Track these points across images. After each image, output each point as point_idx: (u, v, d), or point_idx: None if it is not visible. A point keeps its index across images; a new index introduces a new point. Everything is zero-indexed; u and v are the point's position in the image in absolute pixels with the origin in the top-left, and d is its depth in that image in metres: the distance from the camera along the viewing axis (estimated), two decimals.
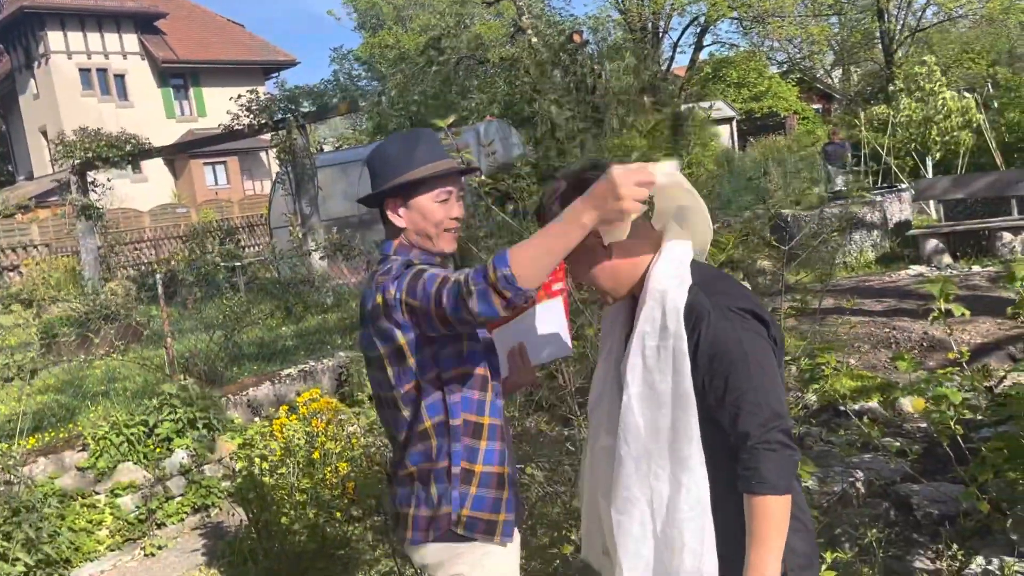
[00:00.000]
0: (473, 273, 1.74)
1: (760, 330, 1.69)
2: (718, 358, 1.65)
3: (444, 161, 2.08)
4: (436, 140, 2.13)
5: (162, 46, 32.02)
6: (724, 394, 1.64)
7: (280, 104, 11.20)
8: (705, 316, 1.66)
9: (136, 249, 19.41)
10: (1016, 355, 5.98)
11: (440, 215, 2.05)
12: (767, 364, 1.66)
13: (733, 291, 1.75)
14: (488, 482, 2.00)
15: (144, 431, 5.69)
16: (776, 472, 1.61)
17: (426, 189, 2.04)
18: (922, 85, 12.79)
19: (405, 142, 2.09)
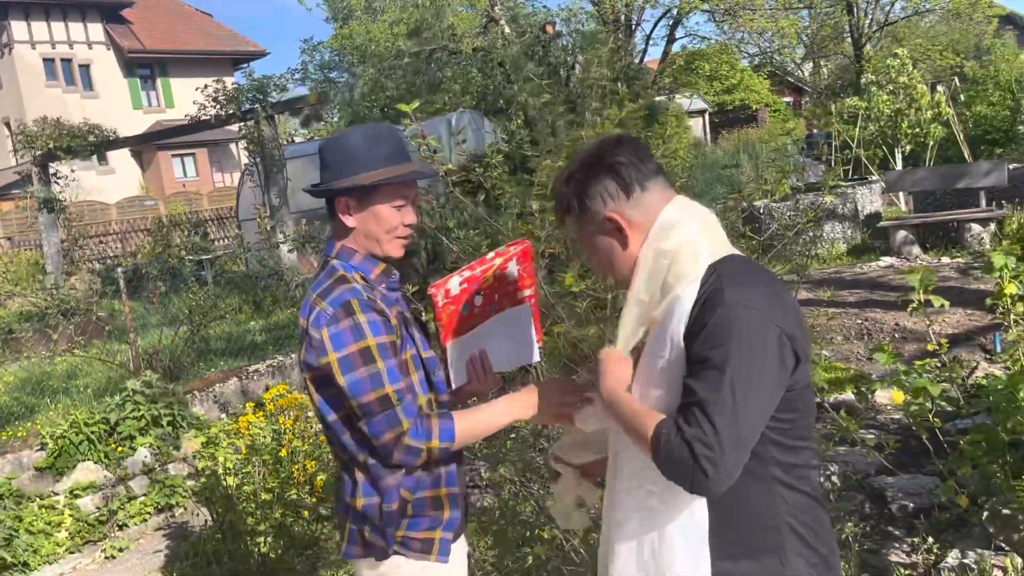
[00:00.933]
0: (416, 430, 1.79)
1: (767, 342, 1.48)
2: (700, 364, 1.47)
3: (407, 164, 1.95)
4: (401, 139, 2.01)
5: (128, 36, 31.45)
6: (687, 392, 1.47)
7: (248, 94, 10.99)
8: (714, 309, 1.48)
9: (102, 243, 19.02)
10: (987, 346, 6.00)
11: (394, 222, 1.94)
12: (755, 381, 1.45)
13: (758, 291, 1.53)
14: (422, 507, 1.92)
15: (105, 429, 5.53)
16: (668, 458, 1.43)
17: (385, 193, 1.92)
18: (894, 78, 12.86)
19: (367, 138, 1.95)
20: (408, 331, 1.96)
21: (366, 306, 1.84)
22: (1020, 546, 2.89)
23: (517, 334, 2.09)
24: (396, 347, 1.86)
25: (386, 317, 1.86)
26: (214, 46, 33.28)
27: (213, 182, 31.11)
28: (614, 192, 1.63)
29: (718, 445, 1.40)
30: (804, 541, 1.55)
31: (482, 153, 7.54)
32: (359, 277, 1.93)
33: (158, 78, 32.68)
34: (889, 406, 4.94)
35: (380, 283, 1.97)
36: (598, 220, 1.65)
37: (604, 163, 1.64)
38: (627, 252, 1.65)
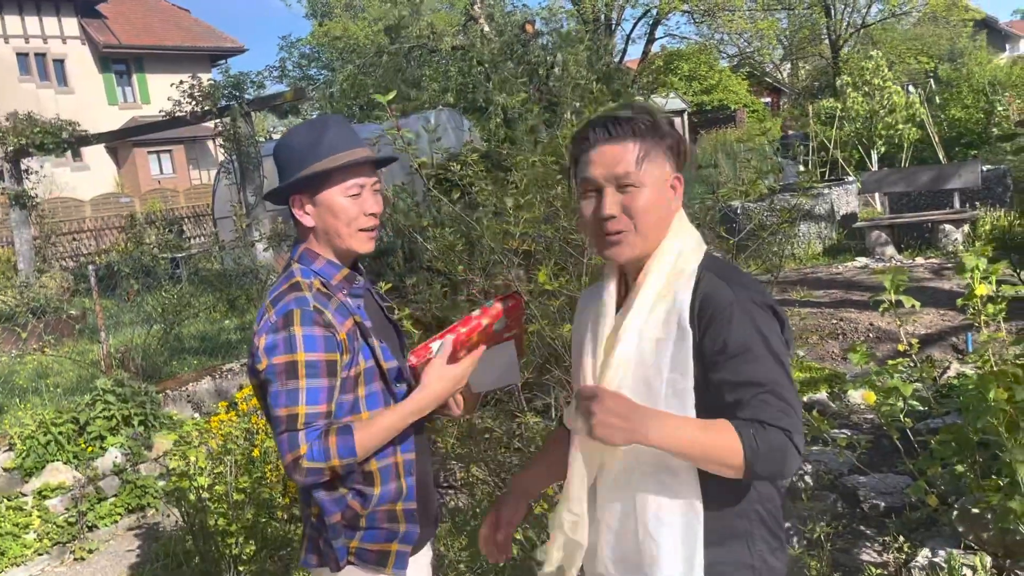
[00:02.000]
0: (311, 453, 1.73)
1: (777, 329, 1.55)
2: (741, 353, 1.49)
3: (356, 150, 1.86)
4: (346, 125, 1.92)
5: (103, 30, 31.04)
6: (747, 390, 1.48)
7: (224, 91, 10.88)
8: (727, 307, 1.50)
9: (75, 240, 18.77)
10: (959, 346, 6.05)
11: (353, 211, 1.85)
12: (788, 366, 1.53)
13: (752, 283, 1.61)
14: (376, 520, 1.88)
15: (74, 429, 5.45)
16: (769, 453, 1.44)
17: (334, 182, 1.84)
18: (869, 80, 12.98)
19: (311, 130, 1.88)
20: (367, 342, 1.87)
21: (308, 318, 1.77)
22: (989, 545, 2.91)
23: (500, 362, 1.99)
24: (333, 366, 1.79)
25: (332, 331, 1.79)
26: (191, 42, 32.93)
27: (190, 179, 30.80)
28: (677, 157, 1.62)
29: (798, 419, 1.48)
30: (768, 528, 1.60)
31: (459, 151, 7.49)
32: (318, 283, 1.86)
33: (134, 74, 32.29)
34: (863, 405, 4.97)
35: (341, 289, 1.89)
36: (670, 171, 1.61)
37: (670, 126, 1.62)
38: (670, 217, 1.61)
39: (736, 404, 1.47)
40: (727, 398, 1.49)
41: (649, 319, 1.56)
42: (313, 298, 1.81)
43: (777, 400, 1.46)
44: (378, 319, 1.99)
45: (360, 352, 1.84)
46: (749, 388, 1.47)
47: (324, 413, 1.77)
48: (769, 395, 1.46)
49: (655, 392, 1.53)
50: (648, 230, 1.57)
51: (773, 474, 1.49)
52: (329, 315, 1.80)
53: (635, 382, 1.55)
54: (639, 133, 1.57)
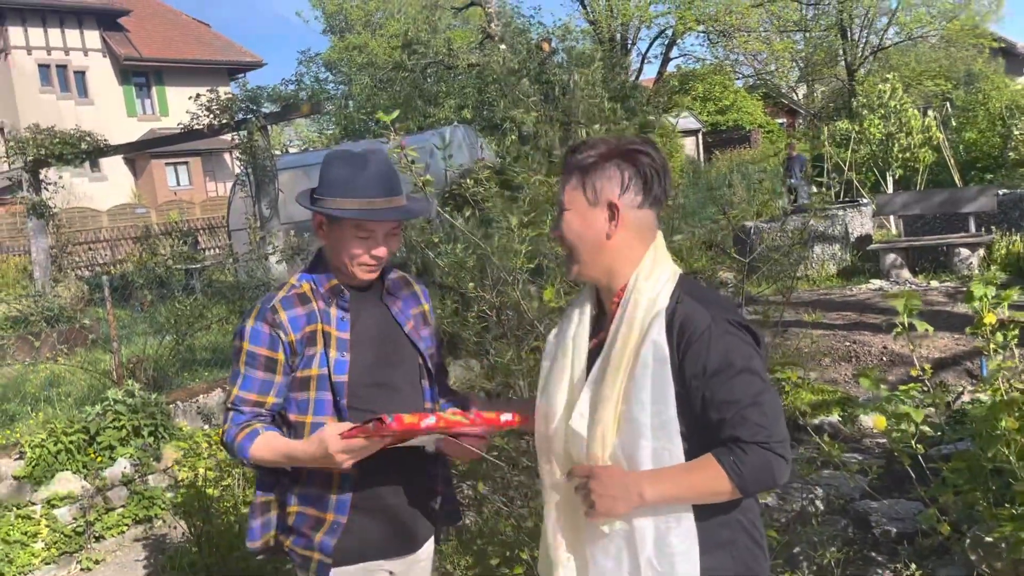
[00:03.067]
0: (228, 434, 1.97)
1: (754, 346, 1.61)
2: (723, 373, 1.55)
3: (382, 200, 1.94)
4: (386, 169, 1.99)
5: (125, 43, 31.42)
6: (728, 409, 1.54)
7: (242, 104, 10.97)
8: (704, 329, 1.57)
9: (91, 249, 18.94)
10: (973, 371, 6.00)
11: (357, 250, 1.96)
12: (767, 380, 1.60)
13: (727, 304, 1.69)
14: (302, 523, 2.00)
15: (84, 439, 5.46)
16: (755, 473, 1.53)
17: (349, 225, 1.95)
18: (885, 102, 12.94)
19: (353, 164, 1.97)
20: (325, 351, 1.96)
21: (261, 315, 1.97)
22: (1002, 574, 2.86)
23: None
24: (272, 363, 1.96)
25: (279, 332, 1.94)
26: (210, 56, 33.28)
27: (206, 191, 31.02)
28: (632, 188, 1.66)
29: (777, 428, 1.54)
30: (751, 536, 1.66)
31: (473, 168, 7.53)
32: (307, 287, 2.01)
33: (153, 86, 32.64)
34: (875, 430, 4.93)
35: (326, 297, 2.00)
36: (600, 196, 1.66)
37: (639, 159, 1.65)
38: (606, 244, 1.67)
39: (719, 423, 1.55)
40: (711, 416, 1.56)
41: (625, 357, 1.60)
42: (282, 299, 1.98)
43: (756, 415, 1.53)
44: (376, 333, 2.03)
45: (316, 358, 1.95)
46: (729, 407, 1.54)
47: (252, 401, 1.96)
48: (748, 410, 1.53)
49: (641, 425, 1.58)
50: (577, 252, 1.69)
51: (765, 489, 1.60)
52: (284, 317, 1.96)
53: (622, 421, 1.59)
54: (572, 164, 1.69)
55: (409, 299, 2.14)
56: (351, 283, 2.03)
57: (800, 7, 26.17)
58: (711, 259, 4.04)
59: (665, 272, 1.67)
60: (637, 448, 1.57)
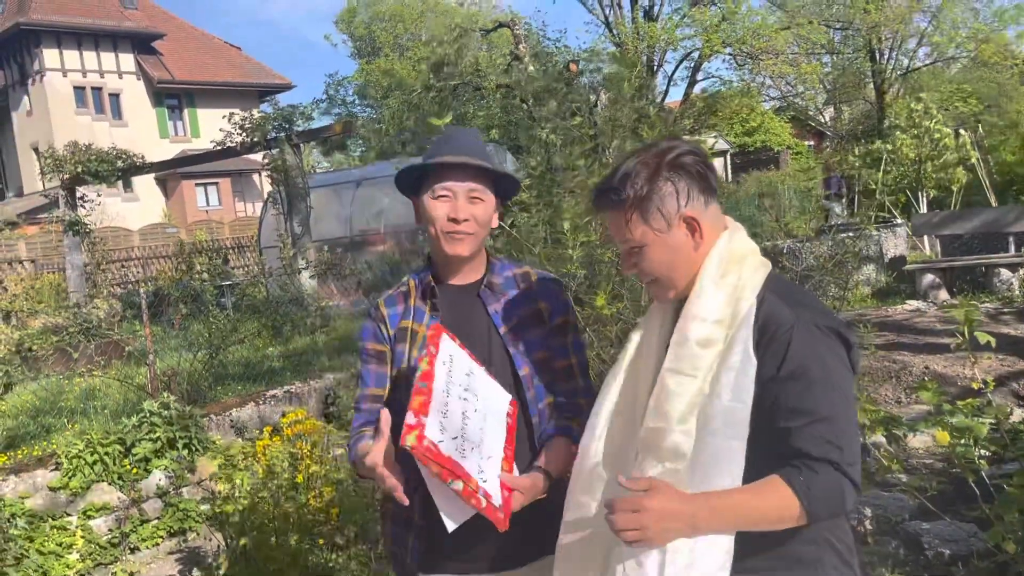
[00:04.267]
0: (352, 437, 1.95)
1: (842, 353, 1.52)
2: (799, 379, 1.46)
3: (448, 157, 1.87)
4: (462, 138, 1.94)
5: (158, 66, 32.01)
6: (798, 418, 1.45)
7: (273, 123, 11.09)
8: (787, 329, 1.48)
9: (124, 267, 19.17)
10: (1020, 392, 5.86)
11: (437, 213, 1.89)
12: (850, 395, 1.50)
13: (816, 305, 1.58)
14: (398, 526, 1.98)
15: (120, 450, 5.48)
16: (825, 495, 1.42)
17: (427, 186, 1.91)
18: (918, 122, 12.82)
19: (438, 140, 1.96)
20: (409, 350, 1.93)
21: (369, 313, 2.02)
22: None
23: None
24: (382, 355, 1.98)
25: (380, 326, 1.97)
26: (241, 78, 33.80)
27: (235, 211, 31.37)
28: (695, 194, 1.60)
29: (852, 451, 1.44)
30: (840, 556, 1.56)
31: None
32: (412, 284, 2.01)
33: (185, 108, 33.18)
34: (921, 451, 4.81)
35: (422, 293, 1.98)
36: (672, 217, 1.59)
37: (686, 161, 1.60)
38: (697, 254, 1.60)
39: (787, 432, 1.46)
40: (779, 423, 1.47)
41: (707, 344, 1.53)
42: (387, 297, 2.02)
43: (829, 431, 1.44)
44: (460, 332, 1.90)
45: (405, 356, 1.94)
46: (800, 416, 1.45)
47: (371, 396, 1.97)
48: (820, 425, 1.44)
49: (708, 417, 1.50)
50: (666, 278, 1.61)
51: (833, 514, 1.47)
52: (385, 312, 1.98)
53: (689, 408, 1.52)
54: (620, 198, 1.59)
55: (519, 298, 1.98)
56: (449, 272, 1.96)
57: (827, 30, 26.10)
58: None
59: (748, 265, 1.59)
60: (703, 444, 1.50)
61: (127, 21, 31.78)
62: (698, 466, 1.50)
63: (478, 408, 1.78)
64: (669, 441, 1.52)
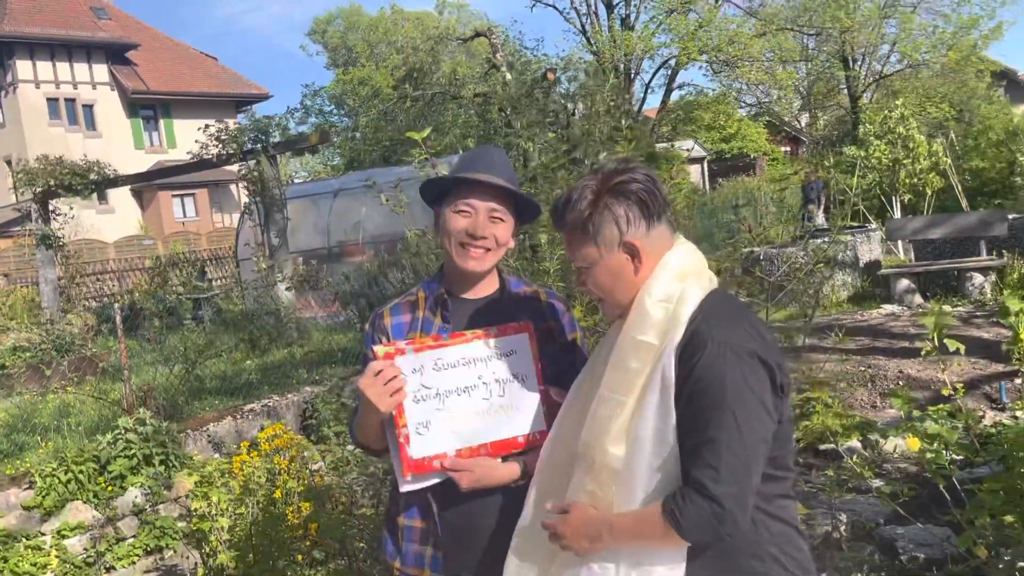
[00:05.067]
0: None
1: (760, 379, 1.53)
2: (698, 396, 1.51)
3: (475, 175, 1.90)
4: (492, 157, 1.95)
5: (133, 77, 31.77)
6: (689, 436, 1.52)
7: (250, 134, 11.04)
8: (699, 351, 1.53)
9: (99, 280, 18.96)
10: (992, 395, 5.93)
11: (456, 226, 1.91)
12: (747, 417, 1.50)
13: (739, 329, 1.58)
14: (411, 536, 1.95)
15: (95, 468, 5.41)
16: (695, 524, 1.48)
17: (449, 200, 1.93)
18: (892, 128, 12.99)
19: (468, 154, 1.99)
20: None
21: (372, 319, 2.02)
22: None
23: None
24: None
25: (380, 337, 1.95)
26: (217, 88, 33.60)
27: (212, 222, 31.15)
28: (635, 219, 1.65)
29: (727, 478, 1.47)
30: (786, 569, 1.59)
31: None
32: (421, 294, 2.01)
33: (161, 119, 32.93)
34: (896, 455, 4.86)
35: (432, 305, 1.98)
36: (612, 243, 1.65)
37: (629, 188, 1.65)
38: (637, 278, 1.66)
39: (682, 451, 1.53)
40: (680, 439, 1.53)
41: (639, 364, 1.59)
42: (393, 305, 2.02)
43: (710, 453, 1.48)
44: None
45: None
46: (692, 435, 1.51)
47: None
48: (704, 446, 1.49)
49: (641, 439, 1.57)
50: (611, 298, 1.69)
51: (708, 541, 1.52)
52: (388, 322, 1.98)
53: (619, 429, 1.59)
54: (569, 221, 1.68)
55: (532, 315, 1.99)
56: (462, 285, 1.98)
57: (802, 37, 26.39)
58: (723, 283, 4.02)
59: (687, 286, 1.63)
60: (636, 462, 1.57)
61: (101, 32, 31.52)
62: (634, 483, 1.57)
63: (492, 402, 1.87)
64: (601, 460, 1.61)
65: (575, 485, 1.67)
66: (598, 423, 1.62)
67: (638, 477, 1.56)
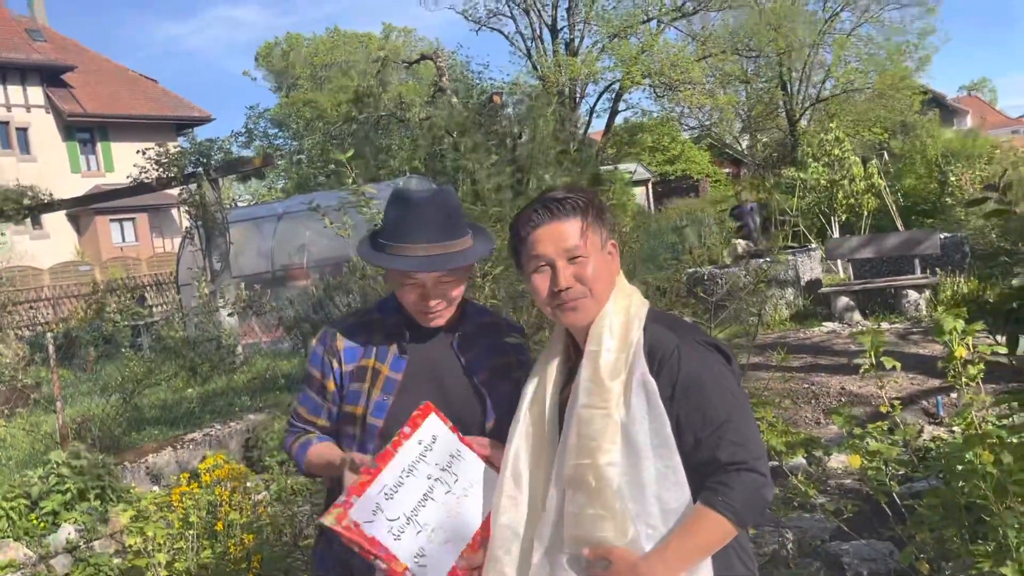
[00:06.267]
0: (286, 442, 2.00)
1: (726, 365, 1.65)
2: (694, 391, 1.58)
3: (415, 247, 1.78)
4: (430, 213, 1.80)
5: (69, 99, 31.03)
6: (702, 428, 1.57)
7: (190, 157, 10.85)
8: (673, 350, 1.61)
9: (32, 308, 18.36)
10: (929, 409, 6.08)
11: (411, 298, 1.85)
12: (742, 397, 1.63)
13: (691, 326, 1.74)
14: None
15: (27, 504, 5.19)
16: (746, 501, 1.53)
17: (392, 274, 1.88)
18: (829, 151, 13.35)
19: (399, 206, 1.83)
20: (370, 389, 1.86)
21: (322, 338, 1.95)
22: None
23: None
24: (322, 385, 1.92)
25: (331, 359, 1.89)
26: (157, 111, 33.02)
27: (153, 247, 30.49)
28: (611, 229, 1.77)
29: (757, 447, 1.57)
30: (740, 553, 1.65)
31: None
32: (378, 317, 1.94)
33: (98, 142, 32.20)
34: (840, 471, 4.93)
35: (389, 332, 1.91)
36: (607, 238, 1.73)
37: (602, 203, 1.75)
38: (614, 282, 1.74)
39: (697, 444, 1.56)
40: (687, 438, 1.57)
41: (613, 375, 1.62)
42: (347, 326, 1.94)
43: (732, 432, 1.55)
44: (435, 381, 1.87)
45: (362, 395, 1.87)
46: (705, 426, 1.56)
47: (304, 418, 1.96)
48: (722, 429, 1.55)
49: (640, 445, 1.57)
50: (600, 293, 1.69)
51: (761, 512, 1.60)
52: (341, 345, 1.90)
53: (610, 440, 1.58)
54: (577, 210, 1.69)
55: (491, 348, 1.94)
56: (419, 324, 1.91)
57: (741, 61, 27.08)
58: (667, 304, 4.05)
59: (635, 293, 1.75)
60: (641, 470, 1.57)
61: (35, 54, 30.77)
62: (645, 491, 1.56)
63: (454, 491, 1.77)
64: (598, 479, 1.57)
65: (576, 517, 1.59)
66: (585, 442, 1.59)
67: (647, 484, 1.56)
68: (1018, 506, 2.51)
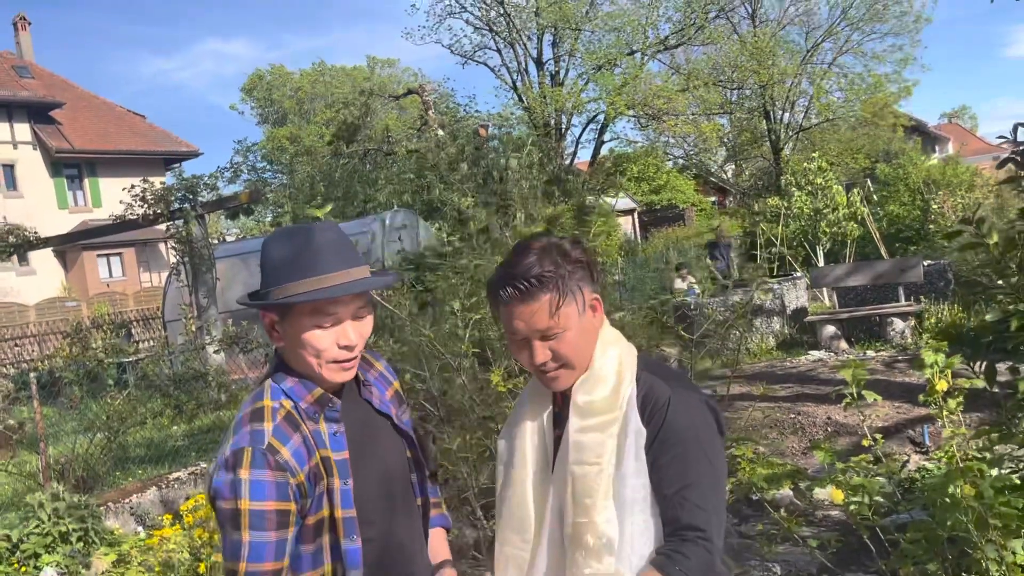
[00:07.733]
0: None
1: (712, 424, 1.63)
2: (672, 445, 1.57)
3: (335, 275, 1.58)
4: (335, 236, 1.64)
5: (56, 136, 31.05)
6: (669, 485, 1.56)
7: (177, 193, 10.86)
8: (664, 402, 1.59)
9: (18, 345, 18.23)
10: (916, 438, 6.09)
11: (323, 343, 1.59)
12: (720, 466, 1.61)
13: (685, 380, 1.72)
14: None
15: (7, 547, 5.12)
16: (700, 570, 1.53)
17: (302, 312, 1.59)
18: (812, 180, 13.49)
19: (292, 242, 1.62)
20: (330, 482, 1.60)
21: (258, 460, 1.52)
22: None
23: None
24: (285, 517, 1.54)
25: (286, 476, 1.54)
26: (145, 146, 33.07)
27: (140, 282, 30.37)
28: (592, 279, 1.68)
29: (715, 519, 1.56)
30: None
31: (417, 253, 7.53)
32: (288, 406, 1.62)
33: (86, 178, 32.18)
34: (827, 502, 4.92)
35: (313, 414, 1.63)
36: (584, 301, 1.65)
37: (582, 252, 1.68)
38: (596, 338, 1.69)
39: (664, 499, 1.57)
40: (660, 490, 1.57)
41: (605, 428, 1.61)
42: (273, 431, 1.57)
43: (700, 498, 1.54)
44: (366, 438, 1.71)
45: (325, 496, 1.61)
46: (672, 484, 1.56)
47: (269, 572, 1.54)
48: (691, 491, 1.55)
49: (627, 501, 1.58)
50: (579, 362, 1.65)
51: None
52: (287, 454, 1.55)
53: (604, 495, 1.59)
54: (547, 285, 1.59)
55: (380, 381, 1.81)
56: (328, 387, 1.66)
57: (724, 91, 27.39)
58: (652, 335, 4.07)
59: (621, 341, 1.71)
60: (625, 525, 1.58)
61: (23, 91, 30.83)
62: (628, 547, 1.57)
63: None
64: (595, 537, 1.57)
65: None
66: (581, 498, 1.59)
67: (630, 539, 1.58)
68: (999, 539, 2.52)
